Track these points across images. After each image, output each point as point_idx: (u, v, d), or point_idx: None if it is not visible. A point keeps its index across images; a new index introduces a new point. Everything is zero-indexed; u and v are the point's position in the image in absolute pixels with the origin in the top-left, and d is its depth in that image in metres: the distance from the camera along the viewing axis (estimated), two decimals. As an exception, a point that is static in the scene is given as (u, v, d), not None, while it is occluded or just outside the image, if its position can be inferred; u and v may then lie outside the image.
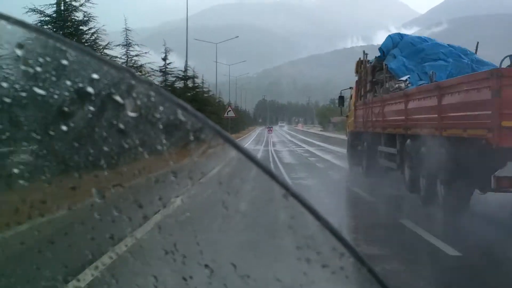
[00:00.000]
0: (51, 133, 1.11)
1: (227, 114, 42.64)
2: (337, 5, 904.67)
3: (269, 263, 1.31)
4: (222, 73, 72.27)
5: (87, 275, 1.35)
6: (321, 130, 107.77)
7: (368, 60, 18.87)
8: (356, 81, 20.14)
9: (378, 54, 17.75)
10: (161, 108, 1.11)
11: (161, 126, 1.11)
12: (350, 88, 21.98)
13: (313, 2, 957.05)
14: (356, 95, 19.88)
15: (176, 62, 34.15)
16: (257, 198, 1.24)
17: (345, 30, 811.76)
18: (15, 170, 1.12)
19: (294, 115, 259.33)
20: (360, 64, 19.64)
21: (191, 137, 1.11)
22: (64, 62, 1.08)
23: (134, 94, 1.10)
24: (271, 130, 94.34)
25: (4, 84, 1.10)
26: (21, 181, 1.12)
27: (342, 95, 23.93)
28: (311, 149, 39.33)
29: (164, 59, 29.34)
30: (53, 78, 1.11)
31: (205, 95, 39.05)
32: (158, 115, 1.11)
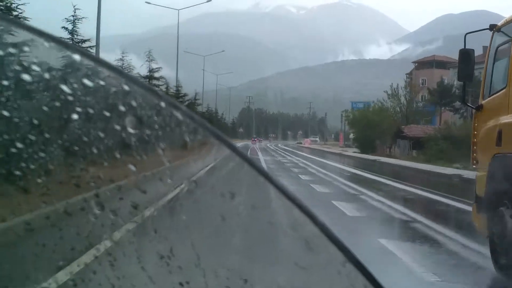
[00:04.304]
0: (46, 135, 1.10)
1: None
2: (326, 19, 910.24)
3: (267, 267, 1.30)
4: (207, 83, 71.54)
5: (84, 280, 1.33)
6: (359, 153, 53.52)
7: None
8: None
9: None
10: (157, 109, 1.11)
11: (157, 127, 1.11)
12: (492, 28, 6.96)
13: (301, 15, 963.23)
14: None
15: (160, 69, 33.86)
16: (254, 201, 1.23)
17: (334, 44, 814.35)
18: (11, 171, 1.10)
19: (288, 129, 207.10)
20: None
21: (187, 138, 1.10)
22: (65, 61, 1.07)
23: (130, 96, 1.10)
24: (255, 141, 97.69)
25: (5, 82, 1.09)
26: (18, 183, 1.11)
27: (467, 49, 7.01)
28: None
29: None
30: (50, 81, 1.10)
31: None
32: (154, 116, 1.10)
